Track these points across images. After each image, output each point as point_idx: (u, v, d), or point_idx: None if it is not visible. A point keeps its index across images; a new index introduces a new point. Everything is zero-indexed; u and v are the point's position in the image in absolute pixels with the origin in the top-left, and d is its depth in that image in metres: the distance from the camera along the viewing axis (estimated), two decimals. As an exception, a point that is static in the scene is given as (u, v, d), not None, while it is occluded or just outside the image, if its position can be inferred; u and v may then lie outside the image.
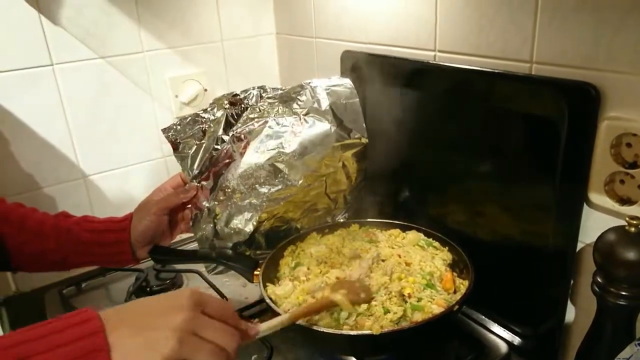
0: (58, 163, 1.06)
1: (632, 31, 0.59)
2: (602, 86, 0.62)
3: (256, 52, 1.27)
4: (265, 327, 0.61)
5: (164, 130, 0.93)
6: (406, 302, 0.70)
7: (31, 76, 0.99)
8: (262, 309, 0.86)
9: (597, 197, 0.65)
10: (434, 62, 0.85)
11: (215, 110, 0.93)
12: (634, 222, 0.55)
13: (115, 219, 0.87)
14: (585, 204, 0.67)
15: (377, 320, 0.66)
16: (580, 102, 0.63)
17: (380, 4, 0.93)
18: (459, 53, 0.80)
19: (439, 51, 0.84)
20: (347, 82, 0.93)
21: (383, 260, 0.80)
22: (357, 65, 0.99)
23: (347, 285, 0.71)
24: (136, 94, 1.12)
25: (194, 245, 1.13)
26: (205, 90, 1.20)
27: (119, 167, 1.14)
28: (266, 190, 0.82)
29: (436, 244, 0.86)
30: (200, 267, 0.98)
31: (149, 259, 0.89)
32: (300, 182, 0.83)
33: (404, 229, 0.90)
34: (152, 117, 1.16)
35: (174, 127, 0.93)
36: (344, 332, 0.66)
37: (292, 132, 0.84)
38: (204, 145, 0.89)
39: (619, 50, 0.60)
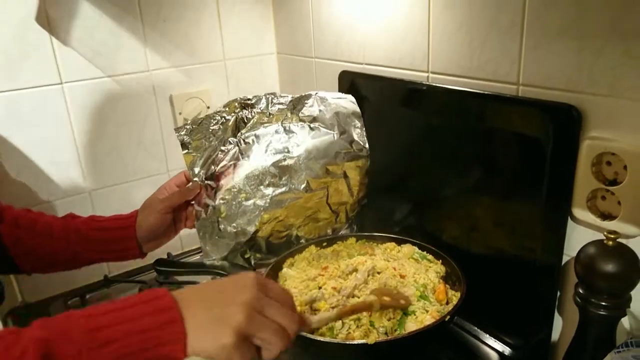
0: (65, 177, 1.10)
1: (611, 57, 0.62)
2: (584, 108, 0.66)
3: (258, 71, 1.32)
4: (316, 319, 0.64)
5: (177, 130, 0.96)
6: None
7: (41, 94, 1.03)
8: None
9: (580, 212, 0.68)
10: (428, 83, 0.89)
11: (226, 113, 0.97)
12: (612, 236, 0.58)
13: (121, 216, 0.90)
14: (570, 219, 0.71)
15: (367, 331, 0.69)
16: (564, 122, 0.67)
17: (376, 27, 0.97)
18: (451, 75, 0.84)
19: (432, 72, 0.88)
20: (350, 97, 0.97)
21: (378, 273, 0.83)
22: (354, 84, 1.03)
23: (387, 292, 0.74)
24: (141, 111, 1.16)
25: (195, 258, 1.16)
26: (208, 107, 1.24)
27: (124, 181, 1.18)
28: (270, 192, 0.86)
29: (430, 257, 0.89)
30: (201, 279, 1.01)
31: (153, 261, 0.92)
32: (304, 185, 0.87)
33: (399, 242, 0.93)
34: (156, 134, 1.19)
35: (186, 127, 0.96)
36: (340, 341, 0.69)
37: (298, 138, 0.88)
38: (212, 145, 0.92)
39: (599, 74, 0.64)
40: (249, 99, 0.98)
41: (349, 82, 1.04)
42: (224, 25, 1.23)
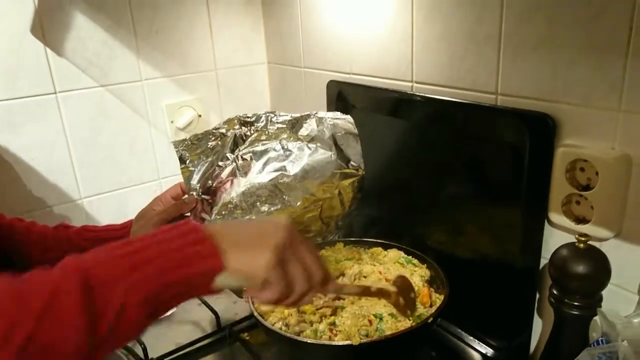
0: (58, 185, 1.12)
1: (583, 68, 0.66)
2: (558, 117, 0.69)
3: (248, 80, 1.35)
4: (340, 285, 0.65)
5: (175, 144, 0.96)
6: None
7: (36, 104, 1.05)
8: (252, 324, 0.91)
9: (556, 216, 0.71)
10: (412, 92, 0.92)
11: (225, 129, 0.98)
12: (583, 238, 0.61)
13: (114, 226, 0.91)
14: (546, 223, 0.74)
15: (348, 334, 0.72)
16: (539, 130, 0.70)
17: (362, 39, 1.00)
18: (434, 84, 0.88)
19: (416, 82, 0.91)
20: (349, 117, 0.99)
21: (365, 277, 0.85)
22: (341, 93, 1.06)
23: (406, 293, 0.74)
24: (134, 119, 1.19)
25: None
26: (200, 116, 1.27)
27: (117, 189, 1.20)
28: (266, 209, 0.88)
29: (415, 261, 0.91)
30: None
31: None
32: (299, 203, 0.89)
33: (386, 247, 0.96)
34: (148, 142, 1.22)
35: (185, 142, 0.96)
36: (325, 342, 0.71)
37: (295, 157, 0.90)
38: (209, 160, 0.94)
39: (572, 85, 0.67)
40: (248, 117, 0.99)
41: (337, 91, 1.07)
42: (215, 36, 1.25)
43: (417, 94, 0.90)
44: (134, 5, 1.13)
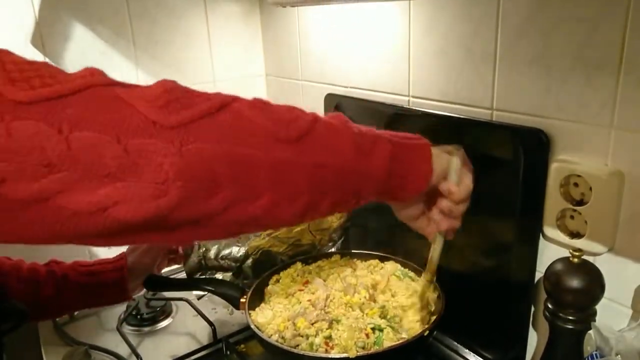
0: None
1: (575, 85, 0.67)
2: (552, 132, 0.70)
3: (247, 92, 1.32)
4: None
5: None
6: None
7: (34, 114, 1.06)
8: (248, 336, 0.91)
9: (551, 231, 0.72)
10: (408, 106, 0.93)
11: None
12: (577, 253, 0.61)
13: (108, 260, 0.88)
14: (541, 237, 0.74)
15: (345, 347, 0.72)
16: (534, 146, 0.71)
17: (359, 52, 1.02)
18: (430, 99, 0.89)
19: (413, 97, 0.92)
20: None
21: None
22: (339, 106, 1.07)
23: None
24: (132, 130, 1.19)
25: (183, 274, 1.18)
26: (198, 127, 1.27)
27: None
28: None
29: (412, 274, 0.92)
30: (189, 295, 1.03)
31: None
32: None
33: (382, 259, 0.96)
34: (146, 152, 1.22)
35: None
36: (322, 355, 0.71)
37: None
38: None
39: (566, 101, 0.69)
40: None
41: (334, 104, 1.08)
42: (214, 48, 1.27)
43: (414, 108, 0.91)
44: (134, 16, 1.14)
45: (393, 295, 0.84)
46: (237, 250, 0.90)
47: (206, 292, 0.97)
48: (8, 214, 0.35)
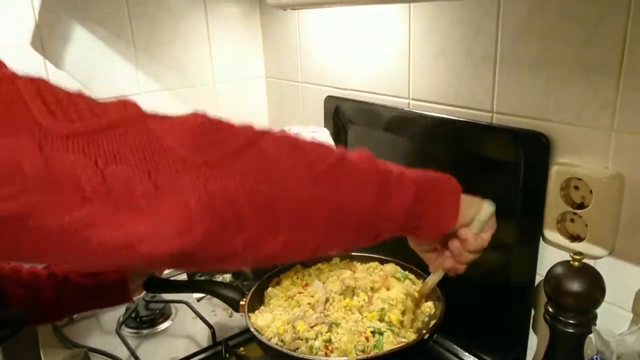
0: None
1: (576, 88, 0.67)
2: (552, 135, 0.70)
3: (246, 94, 1.36)
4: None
5: None
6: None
7: (34, 116, 1.06)
8: (248, 339, 0.90)
9: (551, 234, 0.72)
10: (408, 109, 0.93)
11: None
12: (577, 257, 0.61)
13: None
14: (541, 240, 0.74)
15: (344, 351, 0.72)
16: (534, 149, 0.71)
17: (360, 55, 1.01)
18: (430, 101, 0.89)
19: (413, 99, 0.92)
20: (325, 130, 1.00)
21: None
22: (339, 108, 1.07)
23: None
24: (132, 132, 1.19)
25: (184, 276, 1.17)
26: (198, 129, 1.27)
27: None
28: None
29: (412, 276, 0.91)
30: (189, 298, 1.03)
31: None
32: None
33: (382, 262, 0.96)
34: (146, 154, 1.22)
35: None
36: (321, 358, 0.71)
37: None
38: None
39: (566, 104, 0.69)
40: None
41: (334, 106, 1.08)
42: (214, 50, 1.27)
43: (414, 110, 0.91)
44: (133, 17, 1.14)
45: (388, 289, 0.85)
46: None
47: (205, 294, 0.97)
48: (32, 240, 0.36)
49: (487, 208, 0.62)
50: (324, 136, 0.99)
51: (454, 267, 0.66)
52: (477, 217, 0.62)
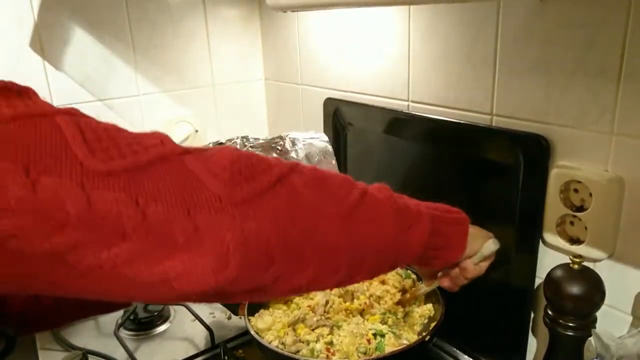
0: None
1: (576, 91, 0.67)
2: (552, 138, 0.70)
3: (246, 96, 1.36)
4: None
5: None
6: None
7: (33, 117, 1.05)
8: (246, 341, 0.90)
9: (550, 237, 0.72)
10: (408, 111, 0.93)
11: None
12: (577, 260, 0.61)
13: None
14: (541, 243, 0.74)
15: (346, 353, 0.72)
16: (533, 151, 0.71)
17: (359, 57, 1.02)
18: (430, 104, 0.89)
19: (412, 101, 0.92)
20: (323, 136, 1.00)
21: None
22: (338, 111, 1.07)
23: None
24: (131, 134, 1.19)
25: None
26: (197, 131, 1.27)
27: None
28: None
29: (413, 276, 0.91)
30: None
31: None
32: None
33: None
34: (145, 156, 1.22)
35: None
36: (322, 361, 0.71)
37: None
38: None
39: (566, 107, 0.69)
40: (221, 143, 1.01)
41: (334, 108, 1.08)
42: (213, 52, 1.27)
43: (413, 113, 0.91)
44: (133, 20, 1.14)
45: (383, 282, 0.86)
46: None
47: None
48: (71, 276, 0.36)
49: (491, 245, 0.65)
50: (323, 142, 0.99)
51: (448, 287, 0.70)
52: (481, 251, 0.65)
